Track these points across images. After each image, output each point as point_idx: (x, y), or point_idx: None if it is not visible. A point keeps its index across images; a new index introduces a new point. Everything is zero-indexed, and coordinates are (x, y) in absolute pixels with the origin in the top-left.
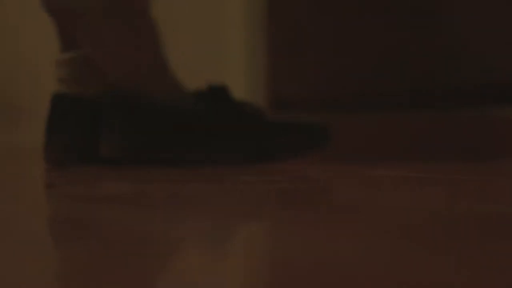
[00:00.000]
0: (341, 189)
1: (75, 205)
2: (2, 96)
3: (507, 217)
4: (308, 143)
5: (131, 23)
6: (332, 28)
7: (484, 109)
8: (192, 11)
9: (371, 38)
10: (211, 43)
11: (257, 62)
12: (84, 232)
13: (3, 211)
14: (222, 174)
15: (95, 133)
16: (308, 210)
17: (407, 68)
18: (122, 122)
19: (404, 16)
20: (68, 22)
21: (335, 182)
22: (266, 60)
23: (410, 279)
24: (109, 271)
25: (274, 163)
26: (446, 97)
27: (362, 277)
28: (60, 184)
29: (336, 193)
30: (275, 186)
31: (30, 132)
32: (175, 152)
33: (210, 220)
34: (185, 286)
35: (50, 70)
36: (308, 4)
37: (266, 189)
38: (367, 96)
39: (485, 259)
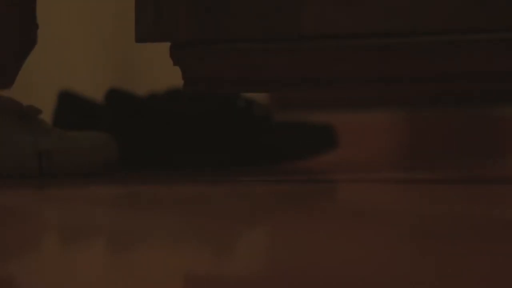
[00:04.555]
0: (344, 191)
1: (66, 207)
2: None
3: None
4: (315, 146)
5: None
6: None
7: (485, 109)
8: None
9: None
10: None
11: None
12: (74, 235)
13: None
14: (222, 175)
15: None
16: (311, 213)
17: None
18: (122, 125)
19: None
20: None
21: (338, 184)
22: None
23: (412, 282)
24: (103, 275)
25: (279, 165)
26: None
27: (363, 281)
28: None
29: (339, 195)
30: (275, 188)
31: None
32: (177, 154)
33: (206, 222)
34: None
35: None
36: None
37: (266, 191)
38: (368, 95)
39: (489, 264)
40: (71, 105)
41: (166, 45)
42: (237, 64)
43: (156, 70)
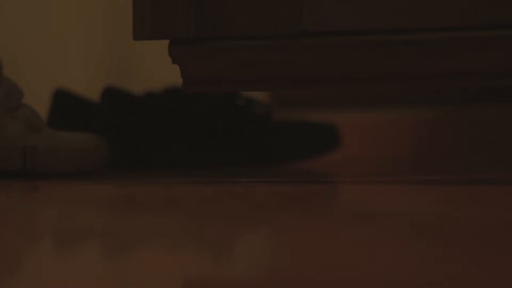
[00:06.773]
0: (346, 191)
1: (61, 208)
2: None
3: None
4: (317, 145)
5: None
6: None
7: (486, 109)
8: None
9: None
10: None
11: None
12: (71, 237)
13: None
14: (222, 175)
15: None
16: (312, 214)
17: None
18: (118, 124)
19: None
20: None
21: (340, 184)
22: None
23: (413, 283)
24: (103, 278)
25: (280, 165)
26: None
27: (364, 282)
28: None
29: (341, 196)
30: (276, 189)
31: None
32: (178, 154)
33: (205, 223)
34: None
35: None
36: None
37: (266, 191)
38: (369, 94)
39: (491, 265)
40: (66, 104)
41: (164, 43)
42: (236, 62)
43: (154, 68)
